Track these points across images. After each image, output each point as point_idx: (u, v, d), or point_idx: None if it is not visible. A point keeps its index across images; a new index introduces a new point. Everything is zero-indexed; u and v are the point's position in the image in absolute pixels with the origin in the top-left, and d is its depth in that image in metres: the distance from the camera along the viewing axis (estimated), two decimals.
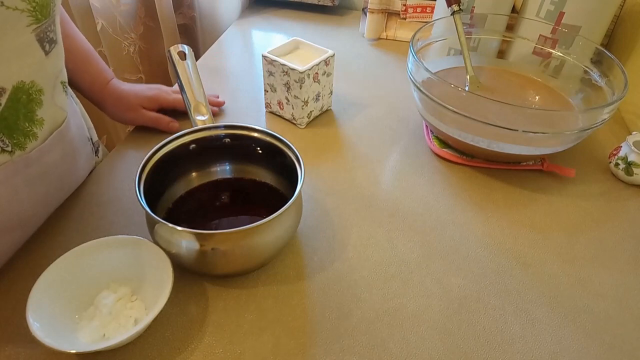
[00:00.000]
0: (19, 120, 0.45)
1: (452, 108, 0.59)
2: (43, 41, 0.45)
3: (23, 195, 0.48)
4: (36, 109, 0.47)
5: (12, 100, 0.43)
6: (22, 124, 0.46)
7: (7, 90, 0.43)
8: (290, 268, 0.51)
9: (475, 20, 0.78)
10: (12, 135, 0.45)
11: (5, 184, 0.46)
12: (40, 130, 0.48)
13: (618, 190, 0.64)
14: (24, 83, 0.44)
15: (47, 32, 0.45)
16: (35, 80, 0.46)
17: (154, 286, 0.45)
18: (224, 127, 0.55)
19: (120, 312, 0.44)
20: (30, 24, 0.42)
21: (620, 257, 0.55)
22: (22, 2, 0.40)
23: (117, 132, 1.27)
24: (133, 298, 0.46)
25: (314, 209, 0.58)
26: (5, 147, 0.45)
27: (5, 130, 0.44)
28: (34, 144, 0.48)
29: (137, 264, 0.47)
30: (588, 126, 0.58)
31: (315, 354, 0.44)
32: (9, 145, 0.45)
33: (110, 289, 0.46)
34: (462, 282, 0.51)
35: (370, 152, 0.68)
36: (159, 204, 0.53)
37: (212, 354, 0.43)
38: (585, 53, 0.71)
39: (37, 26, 0.43)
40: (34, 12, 0.42)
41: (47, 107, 0.48)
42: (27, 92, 0.45)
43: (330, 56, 0.69)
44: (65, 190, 0.57)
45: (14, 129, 0.45)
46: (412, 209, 0.59)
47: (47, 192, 0.53)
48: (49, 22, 0.45)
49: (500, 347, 0.45)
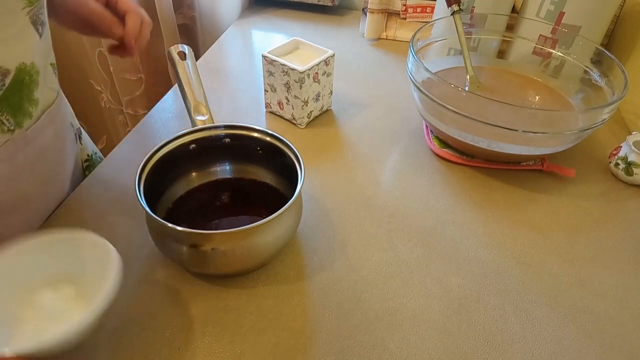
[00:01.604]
0: (22, 100, 0.47)
1: (452, 108, 0.59)
2: (36, 23, 0.46)
3: (25, 174, 0.50)
4: (34, 89, 0.48)
5: (15, 81, 0.45)
6: (25, 104, 0.47)
7: (11, 72, 0.44)
8: (290, 268, 0.51)
9: (475, 20, 0.78)
10: (15, 114, 0.47)
11: (9, 162, 0.47)
12: (35, 109, 0.50)
13: (618, 190, 0.64)
14: (26, 65, 0.46)
15: (39, 14, 0.47)
16: (35, 62, 0.47)
17: (98, 285, 0.40)
18: (224, 127, 0.55)
19: (62, 314, 0.41)
20: (25, 7, 0.43)
21: (620, 257, 0.55)
22: None
23: (117, 132, 1.27)
24: (77, 299, 0.43)
25: (314, 209, 0.58)
26: (10, 127, 0.46)
27: (9, 109, 0.46)
28: (29, 122, 0.49)
29: (80, 261, 0.44)
30: (588, 126, 0.58)
31: (315, 354, 0.44)
32: (13, 124, 0.47)
33: (52, 288, 0.43)
34: (462, 282, 0.51)
35: (370, 152, 0.68)
36: (159, 204, 0.53)
37: (212, 354, 0.43)
38: (585, 53, 0.71)
39: (30, 9, 0.44)
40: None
41: (41, 88, 0.50)
42: (28, 73, 0.46)
43: (330, 56, 0.69)
44: (58, 172, 0.58)
45: (17, 109, 0.47)
46: (412, 209, 0.59)
47: (46, 173, 0.54)
48: (40, 5, 0.46)
49: (500, 347, 0.45)
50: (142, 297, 0.48)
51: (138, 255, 0.52)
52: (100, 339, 0.44)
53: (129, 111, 1.15)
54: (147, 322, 0.46)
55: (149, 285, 0.49)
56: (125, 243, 0.53)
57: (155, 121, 0.73)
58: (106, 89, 1.17)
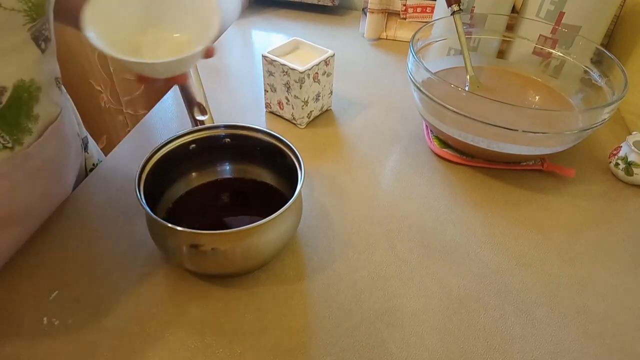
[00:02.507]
0: (20, 117, 0.46)
1: (452, 108, 0.59)
2: (38, 39, 0.46)
3: (23, 189, 0.49)
4: (33, 105, 0.47)
5: (13, 98, 0.44)
6: (22, 120, 0.46)
7: (8, 89, 0.43)
8: (290, 268, 0.51)
9: (475, 20, 0.78)
10: (12, 132, 0.46)
11: (6, 178, 0.47)
12: (35, 125, 0.49)
13: (618, 190, 0.64)
14: (24, 81, 0.45)
15: (42, 30, 0.46)
16: (35, 78, 0.46)
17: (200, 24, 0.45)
18: (224, 127, 0.55)
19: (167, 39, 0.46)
20: (26, 23, 0.43)
21: (620, 257, 0.55)
22: (18, 3, 0.40)
23: (117, 132, 1.27)
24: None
25: (314, 209, 0.58)
26: (7, 144, 0.45)
27: (5, 127, 0.45)
28: (29, 139, 0.48)
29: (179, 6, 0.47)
30: (588, 126, 0.58)
31: (315, 354, 0.44)
32: (10, 141, 0.46)
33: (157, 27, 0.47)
34: (462, 282, 0.51)
35: (370, 152, 0.68)
36: (159, 204, 0.53)
37: (212, 354, 0.43)
38: (585, 53, 0.71)
39: (32, 25, 0.44)
40: (30, 11, 0.42)
41: (42, 103, 0.49)
42: (27, 90, 0.45)
43: (330, 56, 0.69)
44: (61, 184, 0.57)
45: (14, 126, 0.46)
46: (412, 209, 0.59)
47: (45, 187, 0.53)
48: (43, 21, 0.45)
49: (500, 347, 0.45)
50: (142, 297, 0.48)
51: (138, 255, 0.52)
52: (101, 339, 0.44)
53: (129, 111, 1.15)
54: (147, 322, 0.46)
55: (149, 285, 0.49)
56: (125, 243, 0.53)
57: (155, 121, 0.73)
58: (106, 89, 1.17)
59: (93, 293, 0.48)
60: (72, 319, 0.46)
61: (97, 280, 0.49)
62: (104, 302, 0.47)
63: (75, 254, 0.52)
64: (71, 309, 0.46)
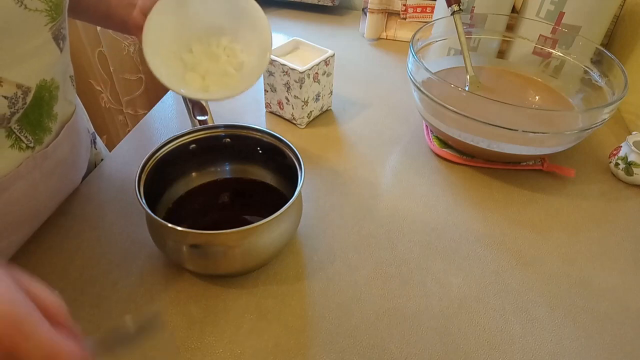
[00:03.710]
0: (42, 117, 0.46)
1: (452, 108, 0.59)
2: (58, 38, 0.46)
3: (40, 188, 0.50)
4: (53, 104, 0.48)
5: (36, 98, 0.44)
6: (44, 120, 0.47)
7: (32, 89, 0.44)
8: (290, 268, 0.51)
9: (475, 20, 0.78)
10: (34, 131, 0.46)
11: (26, 178, 0.47)
12: (54, 124, 0.49)
13: (618, 190, 0.64)
14: (46, 81, 0.45)
15: (60, 29, 0.46)
16: (55, 77, 0.47)
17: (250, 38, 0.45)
18: (224, 127, 0.55)
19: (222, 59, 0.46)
20: (47, 23, 0.43)
21: (620, 257, 0.55)
22: (40, 3, 0.41)
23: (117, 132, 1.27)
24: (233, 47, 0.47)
25: (314, 209, 0.58)
26: (29, 144, 0.46)
27: (29, 127, 0.45)
28: (49, 138, 0.49)
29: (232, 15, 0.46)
30: (588, 126, 0.58)
31: (315, 354, 0.44)
32: (32, 141, 0.46)
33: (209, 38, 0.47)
34: (462, 282, 0.51)
35: (370, 152, 0.68)
36: (159, 204, 0.53)
37: (212, 354, 0.43)
38: (585, 53, 0.71)
39: (53, 24, 0.44)
40: (50, 11, 0.42)
41: (60, 102, 0.49)
42: (48, 89, 0.46)
43: (330, 56, 0.69)
44: (72, 181, 0.58)
45: (37, 126, 0.46)
46: (412, 209, 0.59)
47: (58, 184, 0.54)
48: (61, 20, 0.46)
49: (500, 347, 0.45)
50: (142, 297, 0.48)
51: (138, 255, 0.52)
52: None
53: (129, 111, 1.15)
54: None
55: (149, 285, 0.49)
56: (126, 243, 0.53)
57: (155, 121, 0.73)
58: (106, 89, 1.17)
59: (93, 293, 0.48)
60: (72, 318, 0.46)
61: (97, 280, 0.49)
62: (104, 302, 0.47)
63: (75, 254, 0.52)
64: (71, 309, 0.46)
